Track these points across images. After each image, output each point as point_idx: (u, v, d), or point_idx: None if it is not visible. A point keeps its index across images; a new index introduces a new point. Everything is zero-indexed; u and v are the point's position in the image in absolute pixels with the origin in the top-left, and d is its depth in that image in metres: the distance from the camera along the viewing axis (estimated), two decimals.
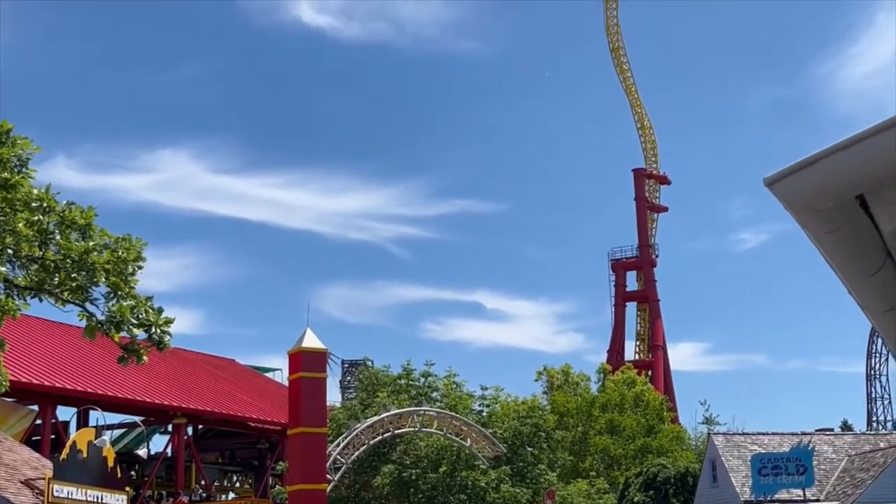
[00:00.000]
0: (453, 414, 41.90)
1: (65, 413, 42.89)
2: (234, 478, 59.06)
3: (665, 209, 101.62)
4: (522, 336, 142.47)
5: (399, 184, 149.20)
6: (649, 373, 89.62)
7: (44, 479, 25.77)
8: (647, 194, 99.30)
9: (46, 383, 38.42)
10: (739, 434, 46.82)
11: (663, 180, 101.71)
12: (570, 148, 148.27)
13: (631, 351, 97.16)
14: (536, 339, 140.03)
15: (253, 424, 49.35)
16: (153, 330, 12.64)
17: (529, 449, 45.38)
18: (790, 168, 3.33)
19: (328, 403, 38.68)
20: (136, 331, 12.30)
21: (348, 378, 66.92)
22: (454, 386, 47.44)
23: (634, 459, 54.51)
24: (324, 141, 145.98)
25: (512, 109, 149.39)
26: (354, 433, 37.56)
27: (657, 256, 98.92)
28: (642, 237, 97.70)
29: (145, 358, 12.80)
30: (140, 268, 12.29)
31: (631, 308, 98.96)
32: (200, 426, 50.19)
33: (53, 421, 40.50)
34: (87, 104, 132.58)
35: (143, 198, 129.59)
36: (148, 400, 43.08)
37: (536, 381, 60.24)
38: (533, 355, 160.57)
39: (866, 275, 3.75)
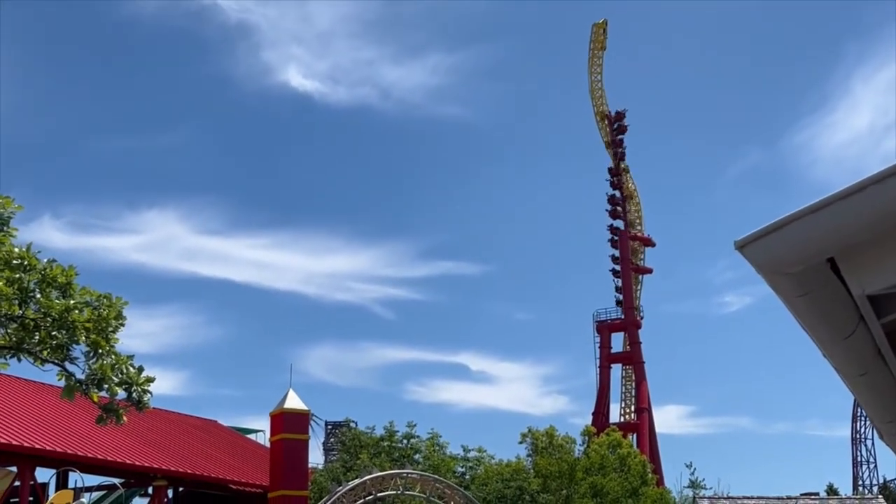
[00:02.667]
0: (437, 477, 41.56)
1: (43, 475, 42.36)
2: None
3: (649, 271, 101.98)
4: (507, 398, 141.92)
5: (384, 245, 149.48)
6: (634, 435, 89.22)
7: None
8: (631, 256, 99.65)
9: (25, 444, 37.95)
10: (725, 498, 46.55)
11: (647, 242, 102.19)
12: (554, 210, 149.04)
13: (616, 413, 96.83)
14: (521, 400, 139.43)
15: (234, 487, 48.78)
16: (133, 388, 12.53)
17: None
18: (760, 231, 3.35)
19: (311, 465, 38.39)
20: (116, 388, 12.19)
21: (331, 440, 66.37)
22: (437, 448, 47.15)
23: None
24: (310, 203, 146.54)
25: (497, 172, 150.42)
26: (336, 496, 37.16)
27: (642, 318, 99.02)
28: (627, 299, 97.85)
29: (124, 418, 12.67)
30: (122, 325, 12.23)
31: (616, 370, 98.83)
32: (181, 488, 49.57)
33: (32, 482, 39.94)
34: (74, 166, 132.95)
35: (129, 258, 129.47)
36: (128, 461, 42.54)
37: (521, 443, 59.73)
38: (517, 417, 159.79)
39: (840, 338, 3.76)
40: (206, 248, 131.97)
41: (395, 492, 39.60)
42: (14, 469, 38.52)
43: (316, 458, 59.19)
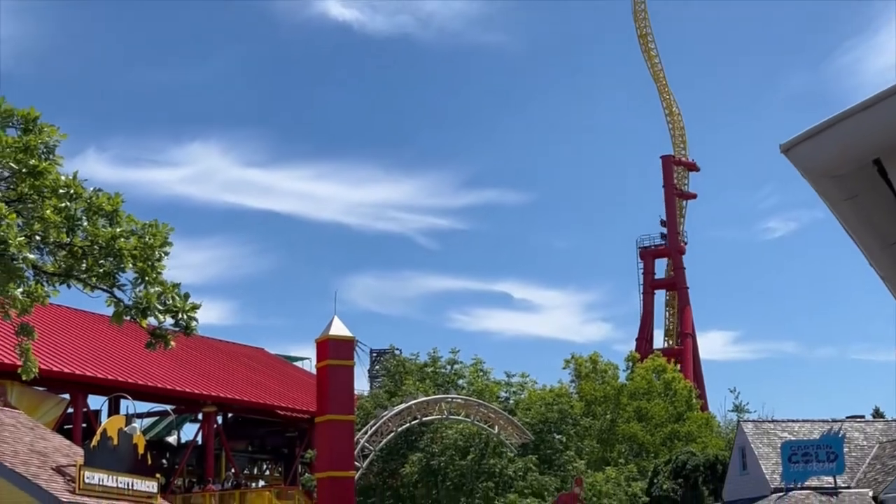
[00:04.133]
0: (480, 401, 41.96)
1: (95, 402, 43.31)
2: (264, 466, 59.37)
3: (693, 196, 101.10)
4: (550, 326, 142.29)
5: (426, 175, 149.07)
6: (678, 361, 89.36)
7: (75, 465, 26.03)
8: (675, 181, 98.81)
9: (77, 372, 38.77)
10: (769, 421, 46.56)
11: (692, 167, 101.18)
12: (598, 136, 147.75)
13: (660, 339, 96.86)
14: (564, 328, 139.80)
15: (281, 413, 49.61)
16: (180, 316, 12.69)
17: (557, 436, 45.38)
18: (806, 133, 3.29)
19: (356, 392, 38.84)
20: (162, 317, 12.36)
21: (376, 367, 67.04)
22: (480, 374, 47.50)
23: (663, 447, 54.34)
24: (351, 133, 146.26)
25: (538, 99, 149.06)
26: (382, 421, 37.68)
27: (686, 244, 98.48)
28: (671, 224, 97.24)
29: (173, 343, 12.86)
30: (166, 253, 12.37)
31: (659, 296, 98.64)
32: (230, 415, 50.50)
33: (84, 409, 40.87)
34: (117, 99, 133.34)
35: (174, 191, 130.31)
36: (178, 388, 43.39)
37: (564, 369, 60.11)
38: (560, 345, 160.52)
39: (887, 243, 3.70)
40: (250, 180, 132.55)
41: (439, 416, 40.06)
42: (67, 397, 39.41)
43: (361, 384, 59.86)
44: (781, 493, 40.45)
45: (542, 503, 40.11)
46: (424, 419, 39.57)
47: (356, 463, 34.57)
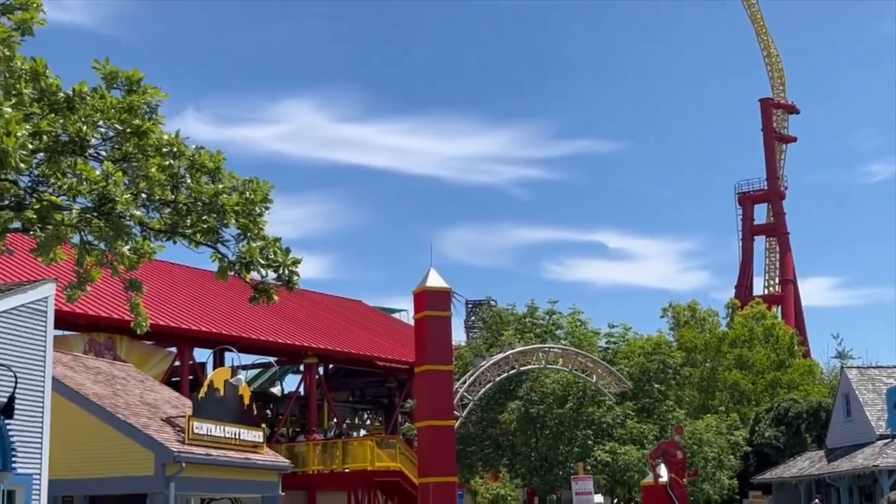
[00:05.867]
0: (578, 350, 41.96)
1: (201, 354, 44.47)
2: (365, 415, 60.37)
3: (794, 139, 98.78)
4: (646, 275, 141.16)
5: (518, 126, 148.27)
6: (779, 307, 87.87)
7: (184, 416, 26.87)
8: (774, 125, 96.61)
9: (184, 326, 39.81)
10: (874, 367, 45.70)
11: (791, 109, 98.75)
12: (692, 81, 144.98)
13: (760, 286, 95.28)
14: (661, 277, 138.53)
15: (381, 363, 50.30)
16: (281, 270, 12.90)
17: (657, 385, 45.20)
18: None
19: (453, 343, 39.14)
20: (265, 271, 12.59)
21: (472, 318, 67.40)
22: (578, 324, 47.43)
23: (765, 395, 53.75)
24: (442, 86, 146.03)
25: (629, 45, 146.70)
26: (480, 370, 37.97)
27: (786, 188, 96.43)
28: (770, 169, 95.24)
29: (276, 297, 13.10)
30: (267, 209, 12.57)
31: (759, 242, 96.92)
32: (331, 366, 51.37)
33: (191, 362, 41.98)
34: (213, 59, 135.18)
35: (271, 148, 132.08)
36: (280, 341, 44.26)
37: (662, 317, 59.65)
38: (657, 294, 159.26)
39: None
40: (344, 136, 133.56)
41: (537, 366, 40.20)
42: (174, 350, 40.54)
43: (458, 335, 60.32)
44: (887, 440, 39.78)
45: (641, 450, 40.09)
46: (522, 369, 39.76)
47: (455, 412, 34.94)
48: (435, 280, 33.46)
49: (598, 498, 42.86)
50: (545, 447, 41.63)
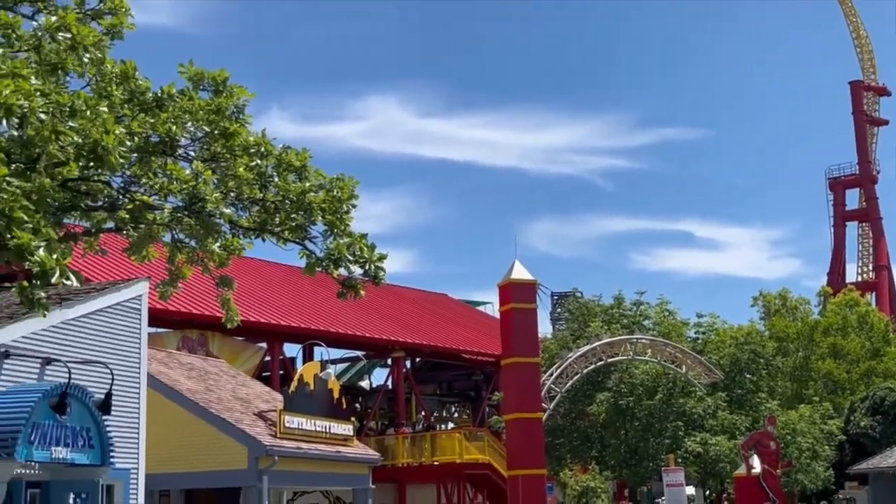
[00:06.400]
0: (667, 341, 41.51)
1: (290, 349, 45.05)
2: (452, 408, 60.54)
3: (885, 122, 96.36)
4: (734, 264, 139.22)
5: (600, 116, 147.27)
6: (873, 294, 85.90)
7: (275, 411, 27.24)
8: (865, 107, 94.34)
9: (273, 321, 40.34)
10: None
11: (882, 92, 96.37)
12: (778, 65, 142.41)
13: (853, 273, 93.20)
14: (750, 265, 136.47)
15: (467, 356, 50.36)
16: (368, 266, 13.00)
17: (748, 376, 44.49)
18: None
19: (540, 335, 39.03)
20: (352, 267, 12.70)
21: (558, 310, 67.04)
22: (666, 314, 46.90)
23: (859, 383, 52.54)
24: (524, 78, 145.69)
25: (712, 31, 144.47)
26: (567, 362, 37.80)
27: (878, 172, 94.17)
28: (862, 153, 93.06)
29: (362, 292, 13.20)
30: (354, 206, 12.68)
31: (851, 228, 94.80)
32: (418, 359, 51.61)
33: (281, 357, 42.53)
34: (296, 57, 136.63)
35: (354, 144, 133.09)
36: (367, 335, 44.60)
37: (752, 306, 58.67)
38: (746, 283, 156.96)
39: None
40: (427, 130, 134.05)
41: (625, 357, 39.89)
42: (264, 345, 41.10)
43: (544, 328, 60.03)
44: None
45: (732, 440, 39.53)
46: (610, 360, 39.48)
47: (543, 404, 34.84)
48: (520, 272, 33.38)
49: (690, 489, 42.40)
50: (635, 439, 41.30)
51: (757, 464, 33.98)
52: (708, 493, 45.51)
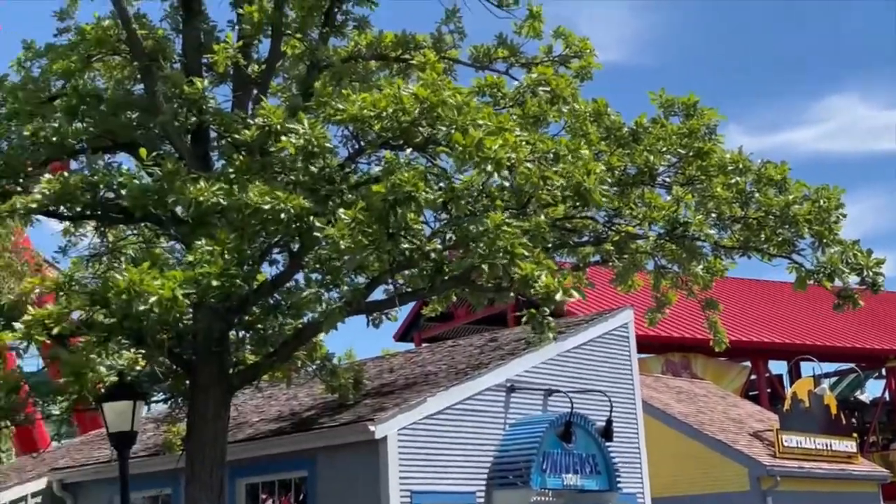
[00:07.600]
0: None
1: (776, 366, 43.79)
2: None
3: None
4: None
5: None
6: None
7: (771, 430, 26.61)
8: None
9: (755, 339, 39.51)
10: None
11: None
12: None
13: None
14: None
15: None
16: (864, 273, 12.48)
17: None
18: None
19: None
20: (848, 277, 12.26)
21: None
22: None
23: None
24: None
25: None
26: None
27: None
28: None
29: (861, 302, 12.68)
30: (843, 216, 12.32)
31: None
32: None
33: (767, 374, 41.50)
34: (743, 68, 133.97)
35: (813, 148, 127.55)
36: (857, 346, 42.34)
37: None
38: None
39: None
40: (890, 123, 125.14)
41: None
42: (748, 364, 40.33)
43: None
44: None
45: None
46: None
47: None
48: None
49: None
50: None
51: None
52: None
